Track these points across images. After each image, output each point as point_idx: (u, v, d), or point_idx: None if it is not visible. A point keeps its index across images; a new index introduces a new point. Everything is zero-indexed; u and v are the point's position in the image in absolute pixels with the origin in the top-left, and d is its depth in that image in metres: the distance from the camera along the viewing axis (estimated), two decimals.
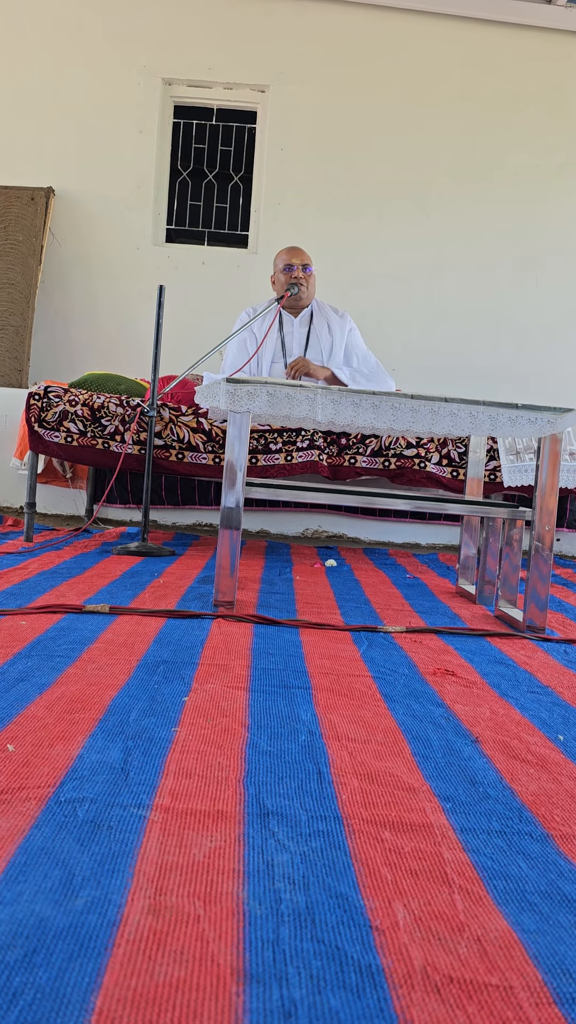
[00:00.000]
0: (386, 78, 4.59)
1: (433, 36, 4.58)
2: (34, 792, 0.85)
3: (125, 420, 3.05)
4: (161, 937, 0.61)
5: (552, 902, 0.71)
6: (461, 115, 4.61)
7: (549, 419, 1.93)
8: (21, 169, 4.54)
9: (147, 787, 0.88)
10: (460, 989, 0.57)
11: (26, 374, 4.34)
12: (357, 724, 1.16)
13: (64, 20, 4.55)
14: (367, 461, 3.13)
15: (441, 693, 1.35)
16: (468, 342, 4.64)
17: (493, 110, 4.61)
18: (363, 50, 4.57)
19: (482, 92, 4.61)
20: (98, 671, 1.33)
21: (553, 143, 4.62)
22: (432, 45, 4.58)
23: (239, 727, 1.10)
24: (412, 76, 4.59)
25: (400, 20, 4.57)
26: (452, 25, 4.58)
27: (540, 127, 4.62)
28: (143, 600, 2.00)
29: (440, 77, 4.60)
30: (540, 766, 1.04)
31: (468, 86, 4.60)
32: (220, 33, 4.56)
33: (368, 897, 0.69)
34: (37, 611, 1.76)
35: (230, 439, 1.96)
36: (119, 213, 4.61)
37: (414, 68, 4.59)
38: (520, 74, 4.61)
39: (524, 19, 4.52)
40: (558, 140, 4.63)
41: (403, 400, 1.92)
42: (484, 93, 4.61)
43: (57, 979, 0.55)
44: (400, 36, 4.57)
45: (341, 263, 4.51)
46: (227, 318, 4.14)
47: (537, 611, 1.96)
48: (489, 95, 4.61)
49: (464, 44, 4.59)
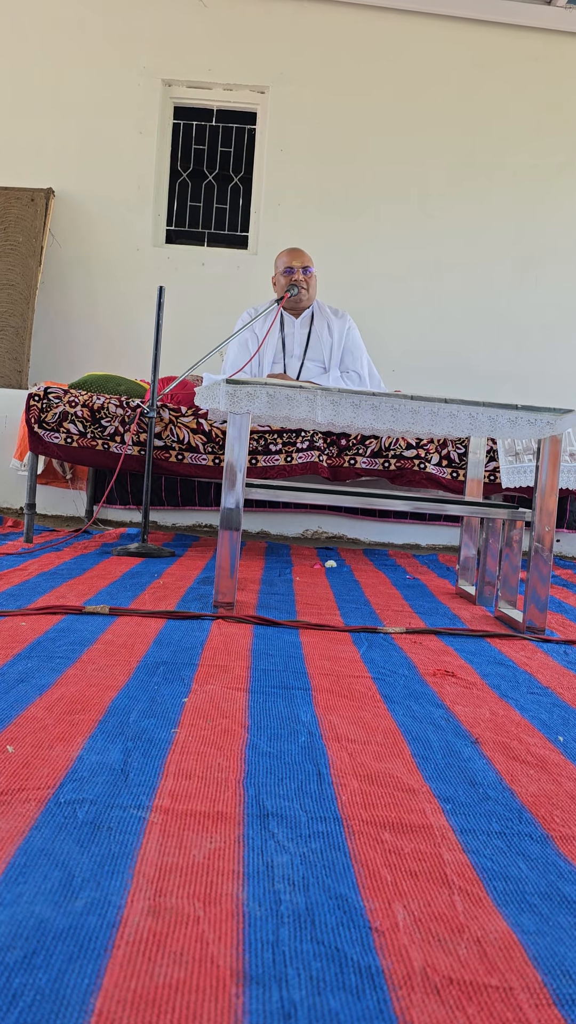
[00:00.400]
0: (386, 79, 4.59)
1: (433, 37, 4.58)
2: (34, 793, 0.85)
3: (125, 421, 3.05)
4: (161, 938, 0.61)
5: (552, 903, 0.71)
6: (460, 116, 4.61)
7: (549, 420, 1.93)
8: (21, 170, 4.55)
9: (147, 788, 0.88)
10: (460, 990, 0.57)
11: (26, 375, 4.34)
12: (357, 725, 1.16)
13: (64, 21, 4.56)
14: (367, 462, 3.13)
15: (441, 694, 1.35)
16: (468, 342, 4.64)
17: (492, 111, 4.61)
18: (363, 51, 4.58)
19: (481, 93, 4.61)
20: (98, 672, 1.33)
21: (552, 143, 4.63)
22: (432, 46, 4.58)
23: (239, 728, 1.10)
24: (411, 77, 4.59)
25: (400, 21, 4.57)
26: (451, 26, 4.58)
27: (539, 127, 4.63)
28: (143, 601, 2.00)
29: (439, 78, 4.60)
30: (540, 767, 1.04)
31: (467, 87, 4.61)
32: (220, 34, 4.56)
33: (368, 898, 0.69)
34: (37, 612, 1.76)
35: (230, 440, 1.96)
36: (119, 214, 4.61)
37: (414, 69, 4.59)
38: (519, 75, 4.61)
39: (523, 20, 4.52)
40: (557, 140, 4.63)
41: (403, 401, 1.92)
42: (483, 94, 4.61)
43: (57, 980, 0.55)
44: (400, 37, 4.58)
45: (341, 263, 4.51)
46: (227, 319, 4.14)
47: (537, 612, 1.96)
48: (488, 96, 4.61)
49: (463, 45, 4.59)
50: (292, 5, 4.56)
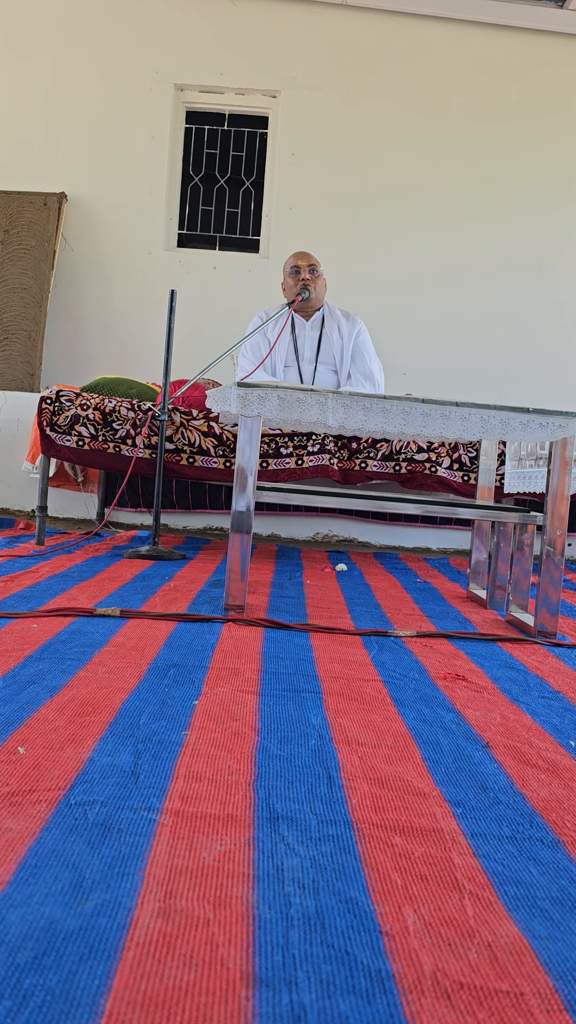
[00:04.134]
0: (397, 84, 4.60)
1: (444, 41, 4.58)
2: (45, 795, 0.85)
3: (136, 424, 3.06)
4: (171, 940, 0.61)
5: (563, 908, 0.70)
6: (472, 120, 4.61)
7: (560, 423, 1.93)
8: (34, 175, 4.58)
9: (157, 790, 0.88)
10: (470, 995, 0.57)
11: (38, 378, 4.37)
12: (367, 728, 1.15)
13: (77, 27, 4.59)
14: (378, 465, 3.13)
15: (451, 698, 1.35)
16: (479, 347, 4.63)
17: (504, 115, 4.61)
18: (374, 56, 4.58)
19: (493, 97, 4.61)
20: (109, 674, 1.34)
21: (565, 148, 4.62)
22: (443, 50, 4.58)
23: (249, 731, 1.10)
24: (423, 81, 4.59)
25: (411, 25, 4.58)
26: (463, 30, 4.58)
27: (551, 132, 4.62)
28: (154, 604, 2.00)
29: (451, 82, 4.60)
30: (551, 772, 1.04)
31: (479, 91, 4.60)
32: (232, 39, 4.58)
33: (378, 902, 0.68)
34: (48, 614, 1.77)
35: (241, 443, 1.96)
36: (131, 218, 4.63)
37: (425, 73, 4.59)
38: (532, 79, 4.60)
39: (536, 24, 4.51)
40: (570, 144, 4.62)
41: (414, 404, 1.92)
42: (495, 98, 4.61)
43: (67, 981, 0.55)
44: (411, 41, 4.58)
45: (352, 267, 4.52)
46: (238, 322, 4.15)
47: (548, 616, 1.95)
48: (500, 100, 4.61)
49: (475, 49, 4.59)
50: (304, 10, 4.57)
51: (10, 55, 4.62)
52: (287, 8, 4.57)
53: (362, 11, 4.56)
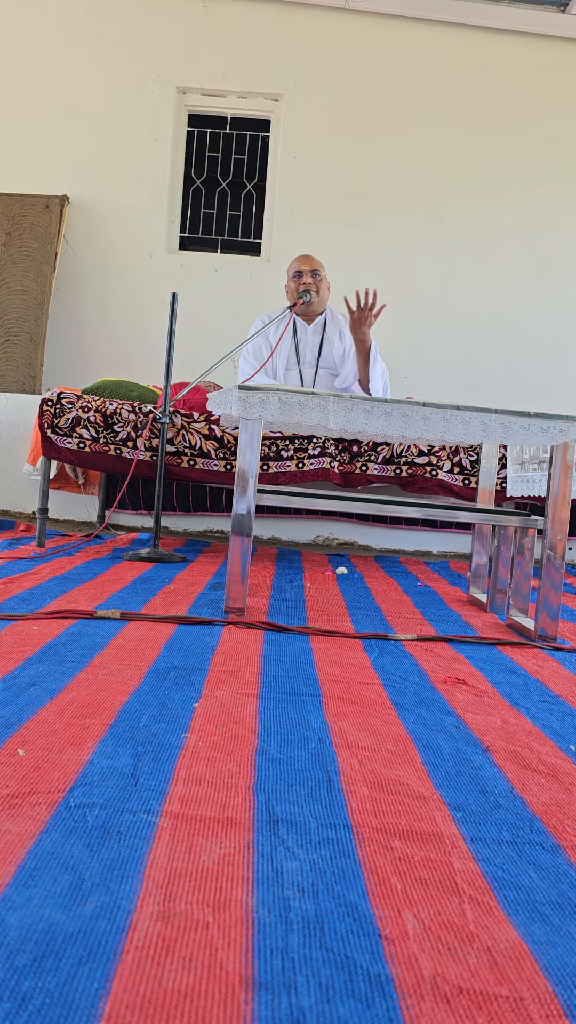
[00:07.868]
0: (399, 87, 4.60)
1: (446, 45, 4.59)
2: (44, 797, 0.85)
3: (137, 426, 3.06)
4: (170, 943, 0.61)
5: (563, 913, 0.70)
6: (474, 123, 4.62)
7: (562, 427, 1.93)
8: (36, 177, 4.58)
9: (157, 793, 0.88)
10: (470, 1000, 0.57)
11: (39, 380, 4.37)
12: (367, 732, 1.15)
13: (80, 30, 4.60)
14: (378, 468, 3.13)
15: (452, 702, 1.35)
16: (481, 350, 4.64)
17: (506, 118, 4.62)
18: (377, 59, 4.59)
19: (495, 100, 4.61)
20: (109, 676, 1.34)
21: (567, 151, 4.62)
22: (445, 54, 4.59)
23: (249, 734, 1.10)
24: (425, 85, 4.60)
25: (414, 29, 4.59)
26: (465, 34, 4.59)
27: (554, 135, 4.62)
28: (154, 606, 2.00)
29: (453, 86, 4.61)
30: (551, 776, 1.03)
31: (481, 94, 4.61)
32: (234, 42, 4.59)
33: (377, 906, 0.68)
34: (48, 616, 1.77)
35: (242, 446, 1.96)
36: (133, 221, 4.64)
37: (427, 77, 4.60)
38: (533, 82, 4.61)
39: (538, 28, 4.52)
40: (572, 148, 4.62)
41: (415, 408, 1.92)
42: (497, 101, 4.62)
43: (66, 984, 0.55)
44: (414, 45, 4.59)
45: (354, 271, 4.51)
46: (240, 325, 4.15)
47: (549, 620, 1.95)
48: (502, 103, 4.62)
49: (477, 53, 4.60)
50: (306, 14, 4.58)
51: (13, 58, 4.63)
52: (290, 12, 4.58)
53: (364, 15, 4.57)
